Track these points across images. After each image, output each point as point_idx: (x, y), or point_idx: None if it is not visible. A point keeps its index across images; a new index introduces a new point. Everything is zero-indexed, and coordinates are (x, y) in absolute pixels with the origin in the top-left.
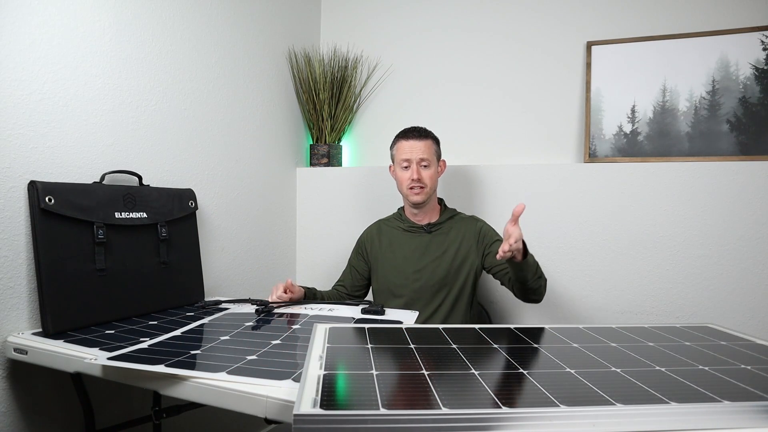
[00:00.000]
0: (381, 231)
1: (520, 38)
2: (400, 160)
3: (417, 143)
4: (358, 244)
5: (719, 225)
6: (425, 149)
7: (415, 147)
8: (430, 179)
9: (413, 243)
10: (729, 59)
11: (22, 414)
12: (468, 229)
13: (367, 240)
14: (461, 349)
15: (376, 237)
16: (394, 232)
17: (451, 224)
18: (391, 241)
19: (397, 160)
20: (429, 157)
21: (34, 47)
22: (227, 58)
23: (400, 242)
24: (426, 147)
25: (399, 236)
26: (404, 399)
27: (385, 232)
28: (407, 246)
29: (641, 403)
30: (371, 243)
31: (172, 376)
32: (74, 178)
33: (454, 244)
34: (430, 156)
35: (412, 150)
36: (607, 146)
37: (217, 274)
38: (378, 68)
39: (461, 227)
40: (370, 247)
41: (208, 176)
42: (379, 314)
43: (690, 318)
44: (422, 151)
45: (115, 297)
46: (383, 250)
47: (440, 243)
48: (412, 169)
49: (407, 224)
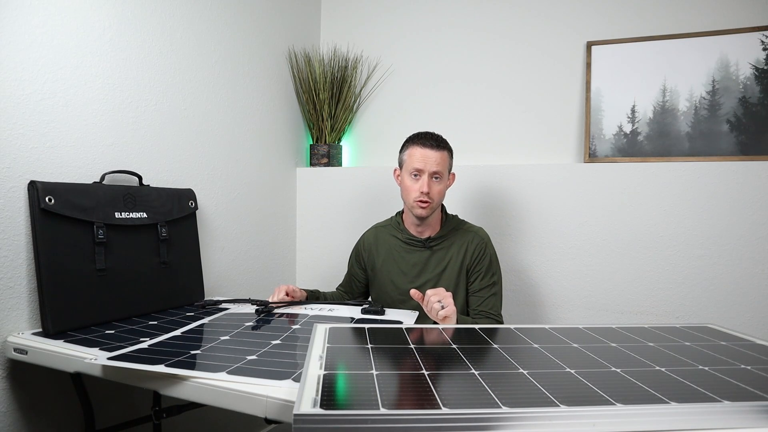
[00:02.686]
0: (378, 240)
1: (520, 38)
2: (411, 168)
3: (432, 154)
4: (355, 251)
5: (719, 225)
6: (440, 161)
7: (429, 158)
8: (439, 194)
9: (412, 259)
10: (729, 59)
11: (22, 414)
12: (470, 244)
13: (363, 249)
14: (461, 349)
15: (374, 246)
16: (392, 242)
17: (452, 237)
18: (389, 252)
19: (406, 167)
20: (442, 171)
21: (34, 47)
22: (227, 58)
23: (398, 256)
24: (441, 159)
25: (397, 248)
26: (404, 399)
27: (382, 242)
28: (405, 261)
29: (641, 403)
30: (368, 252)
31: (172, 376)
32: (74, 178)
33: (454, 261)
34: (443, 169)
35: (425, 160)
36: (607, 146)
37: (217, 274)
38: (378, 68)
39: (464, 241)
40: (368, 256)
41: (208, 176)
42: (379, 314)
43: (690, 318)
44: (436, 164)
45: (115, 297)
46: (380, 260)
47: (440, 260)
48: (423, 181)
49: (405, 235)
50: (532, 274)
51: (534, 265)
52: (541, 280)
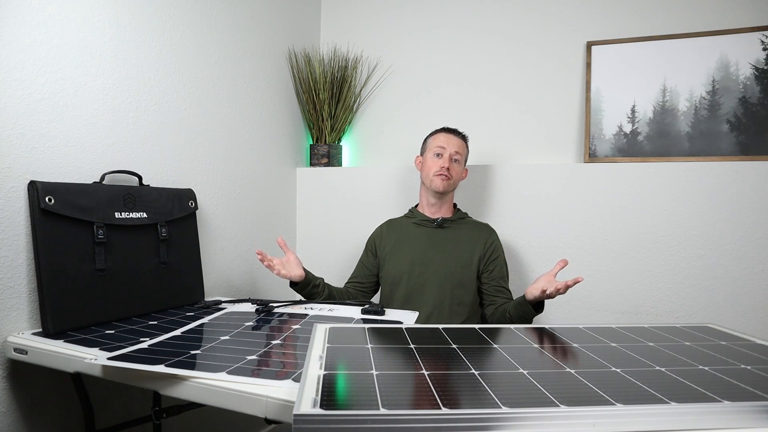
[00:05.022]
0: (391, 226)
1: (520, 38)
2: (435, 146)
3: (455, 139)
4: (368, 242)
5: (719, 225)
6: (460, 147)
7: (452, 140)
8: (457, 174)
9: (422, 235)
10: (729, 59)
11: (22, 414)
12: (481, 234)
13: (377, 236)
14: (461, 349)
15: (386, 232)
16: (404, 227)
17: (462, 224)
18: (401, 234)
19: (431, 147)
20: (461, 154)
21: (34, 47)
22: (227, 58)
23: (409, 235)
24: (461, 146)
25: (408, 230)
26: (404, 399)
27: (394, 228)
28: (416, 238)
29: (641, 403)
30: (381, 238)
31: (172, 376)
32: (74, 178)
33: (465, 244)
34: (462, 155)
35: (449, 142)
36: (607, 146)
37: (217, 274)
38: (378, 68)
39: (473, 231)
40: (380, 242)
41: (208, 176)
42: (379, 314)
43: (690, 318)
44: (458, 146)
45: (115, 297)
46: (392, 242)
47: (451, 239)
48: (445, 158)
49: (419, 218)
50: (532, 274)
51: (534, 265)
52: None
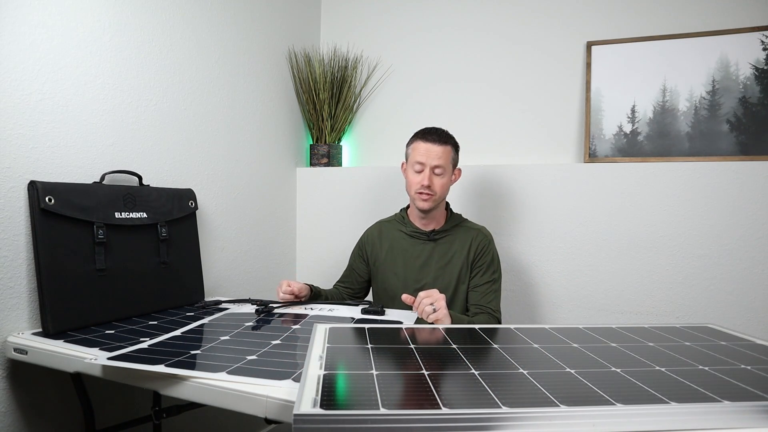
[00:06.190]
0: (382, 233)
1: (520, 38)
2: (414, 162)
3: (435, 148)
4: (358, 246)
5: (719, 225)
6: (442, 155)
7: (431, 151)
8: (441, 188)
9: (415, 251)
10: (729, 59)
11: (22, 414)
12: (474, 240)
13: (367, 242)
14: (461, 349)
15: (377, 239)
16: (396, 235)
17: (456, 232)
18: (392, 245)
19: (410, 161)
20: (444, 165)
21: (34, 47)
22: (227, 58)
23: (402, 248)
24: (443, 153)
25: (401, 241)
26: (404, 399)
27: (386, 235)
28: (409, 253)
29: (641, 403)
30: (372, 245)
31: (172, 376)
32: (74, 178)
33: (458, 255)
34: (446, 163)
35: (428, 154)
36: (607, 146)
37: (217, 274)
38: (378, 68)
39: (467, 237)
40: (371, 249)
41: (208, 176)
42: (379, 314)
43: (690, 318)
44: (438, 158)
45: (115, 297)
46: (384, 253)
47: (444, 253)
48: (425, 174)
49: (410, 228)
50: (531, 274)
51: (534, 265)
52: (540, 280)
